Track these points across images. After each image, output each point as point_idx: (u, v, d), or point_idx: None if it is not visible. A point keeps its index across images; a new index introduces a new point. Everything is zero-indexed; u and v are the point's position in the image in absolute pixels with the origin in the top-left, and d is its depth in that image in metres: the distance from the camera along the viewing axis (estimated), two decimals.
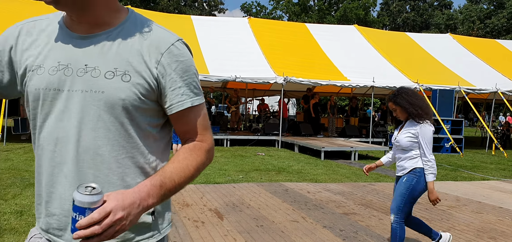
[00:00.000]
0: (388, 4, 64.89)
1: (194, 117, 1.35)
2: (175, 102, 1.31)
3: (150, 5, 39.81)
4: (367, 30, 21.78)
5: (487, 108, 27.88)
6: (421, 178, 3.86)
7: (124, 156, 1.28)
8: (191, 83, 1.33)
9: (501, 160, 13.80)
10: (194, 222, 5.22)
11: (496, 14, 47.33)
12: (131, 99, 1.25)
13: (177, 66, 1.30)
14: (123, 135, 1.27)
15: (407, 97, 3.91)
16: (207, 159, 1.38)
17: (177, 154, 1.34)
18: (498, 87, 16.49)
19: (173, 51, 1.30)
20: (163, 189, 1.24)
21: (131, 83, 1.25)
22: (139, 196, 1.18)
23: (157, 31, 1.32)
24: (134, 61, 1.26)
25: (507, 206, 6.77)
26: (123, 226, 1.14)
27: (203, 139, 1.38)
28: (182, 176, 1.29)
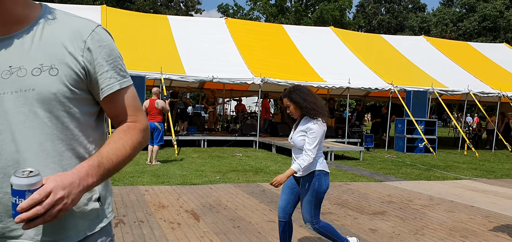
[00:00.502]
0: (363, 6, 65.75)
1: (124, 99, 1.39)
2: (105, 86, 1.33)
3: (126, 4, 39.32)
4: (343, 32, 22.01)
5: (460, 109, 28.52)
6: (322, 179, 3.74)
7: (65, 149, 1.30)
8: (116, 66, 1.36)
9: (473, 159, 14.14)
10: (170, 223, 5.17)
11: (468, 18, 48.48)
12: (63, 91, 1.27)
13: (102, 51, 1.32)
14: (60, 128, 1.29)
15: (301, 94, 3.78)
16: (142, 138, 1.41)
17: (111, 136, 1.37)
18: (470, 89, 16.90)
19: (95, 37, 1.32)
20: (102, 169, 1.27)
21: (59, 76, 1.26)
22: (78, 176, 1.20)
23: (75, 20, 1.33)
24: (58, 53, 1.27)
25: (478, 204, 6.94)
26: (65, 205, 1.15)
27: (136, 120, 1.42)
28: (119, 155, 1.32)
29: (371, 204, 6.68)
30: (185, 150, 13.48)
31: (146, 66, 14.03)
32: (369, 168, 11.19)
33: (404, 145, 15.58)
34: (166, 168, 9.59)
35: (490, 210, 6.53)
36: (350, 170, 10.64)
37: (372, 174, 10.15)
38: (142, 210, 5.76)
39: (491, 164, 13.07)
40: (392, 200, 7.01)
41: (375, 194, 7.52)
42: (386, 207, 6.47)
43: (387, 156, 14.21)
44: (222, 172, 9.40)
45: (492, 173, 11.03)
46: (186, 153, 12.61)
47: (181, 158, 11.50)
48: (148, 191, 7.03)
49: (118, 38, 15.32)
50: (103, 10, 16.99)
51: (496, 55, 21.74)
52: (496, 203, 7.13)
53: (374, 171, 10.58)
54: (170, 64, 14.51)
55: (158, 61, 14.24)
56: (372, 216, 5.88)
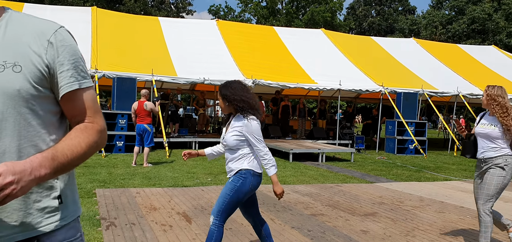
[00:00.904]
0: (354, 9, 66.11)
1: (83, 100, 1.41)
2: (64, 84, 1.36)
3: (116, 6, 39.14)
4: (334, 34, 22.11)
5: (449, 111, 28.77)
6: (248, 179, 3.57)
7: (27, 145, 1.32)
8: (77, 66, 1.39)
9: (462, 160, 14.27)
10: (162, 226, 5.15)
11: (457, 20, 48.95)
12: (26, 88, 1.30)
13: (64, 50, 1.35)
14: (22, 124, 1.31)
15: (234, 90, 3.60)
16: (99, 139, 1.43)
17: (69, 133, 1.39)
18: (459, 91, 17.06)
19: (58, 37, 1.35)
20: (56, 162, 1.27)
21: (23, 73, 1.29)
22: (30, 165, 1.21)
23: (39, 21, 1.37)
24: (22, 51, 1.30)
25: (468, 205, 7.01)
26: (14, 190, 1.16)
27: (94, 121, 1.44)
28: (74, 151, 1.34)
29: (362, 205, 6.71)
30: (176, 152, 13.44)
31: (137, 68, 13.98)
32: (360, 169, 11.24)
33: (394, 146, 15.68)
34: (158, 170, 9.56)
35: None
36: (341, 171, 10.68)
37: (363, 175, 10.20)
38: (134, 212, 5.74)
39: None
40: (383, 201, 7.05)
41: (366, 195, 7.56)
42: (377, 208, 6.50)
43: (378, 157, 14.29)
44: (214, 174, 9.38)
45: None
46: (177, 155, 12.57)
47: (172, 160, 11.47)
48: (139, 193, 7.00)
49: (109, 40, 15.26)
50: (93, 11, 16.89)
51: (485, 57, 21.97)
52: None
53: (365, 172, 10.64)
54: (161, 66, 14.47)
55: (149, 63, 14.18)
56: (363, 218, 5.91)
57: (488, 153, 4.43)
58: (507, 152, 4.37)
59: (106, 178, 8.33)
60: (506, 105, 4.35)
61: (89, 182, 7.77)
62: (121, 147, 12.74)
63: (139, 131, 10.03)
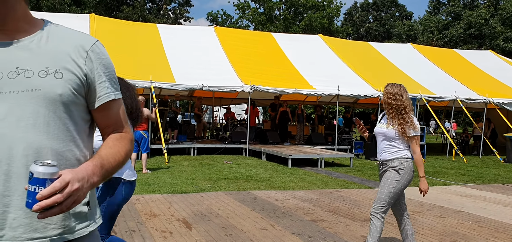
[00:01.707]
0: (351, 14, 66.33)
1: (117, 110, 1.49)
2: (103, 94, 1.43)
3: (114, 13, 39.18)
4: (332, 40, 22.17)
5: (447, 116, 28.82)
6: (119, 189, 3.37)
7: (64, 149, 1.36)
8: (112, 78, 1.47)
9: (461, 165, 14.29)
10: (162, 232, 5.14)
11: (453, 25, 49.14)
12: (67, 94, 1.35)
13: (101, 63, 1.43)
14: (62, 128, 1.36)
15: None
16: (132, 147, 1.53)
17: (106, 142, 1.47)
18: (457, 95, 17.11)
19: (96, 50, 1.43)
20: (103, 169, 1.35)
21: (64, 80, 1.35)
22: (86, 173, 1.27)
23: (78, 34, 1.44)
24: (63, 60, 1.36)
25: (468, 209, 7.01)
26: (80, 197, 1.23)
27: (126, 130, 1.53)
28: (116, 159, 1.42)
29: (362, 210, 6.71)
30: (175, 158, 13.42)
31: (136, 74, 13.96)
32: (360, 174, 11.24)
33: None
34: (157, 177, 9.54)
35: (480, 215, 6.60)
36: (341, 176, 10.68)
37: (363, 180, 10.20)
38: (134, 219, 5.72)
39: (479, 170, 13.22)
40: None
41: (366, 200, 7.56)
42: None
43: (377, 162, 14.28)
44: (213, 180, 9.37)
45: (480, 178, 11.15)
46: (176, 161, 12.55)
47: (170, 166, 11.45)
48: (139, 200, 6.98)
49: (107, 47, 15.16)
50: (91, 18, 16.91)
51: (482, 62, 22.06)
52: (485, 208, 7.21)
53: (364, 178, 10.64)
54: (159, 73, 14.47)
55: (148, 69, 14.19)
56: (364, 223, 5.90)
57: (384, 154, 4.12)
58: (404, 155, 4.04)
59: None
60: (403, 106, 4.05)
61: None
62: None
63: (136, 138, 10.01)
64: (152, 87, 13.55)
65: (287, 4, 47.95)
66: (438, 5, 55.29)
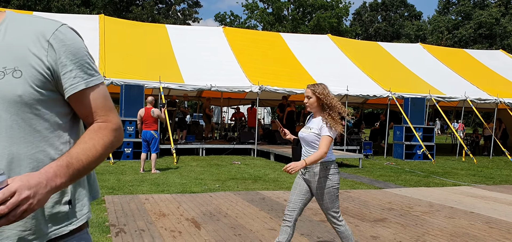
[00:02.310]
0: (360, 14, 66.09)
1: (93, 98, 1.36)
2: (68, 86, 1.30)
3: (123, 14, 39.40)
4: (340, 40, 22.10)
5: (457, 116, 28.61)
6: None
7: (34, 151, 1.28)
8: (83, 65, 1.33)
9: (471, 166, 14.17)
10: (171, 232, 5.16)
11: (463, 25, 48.77)
12: (28, 93, 1.25)
13: (66, 50, 1.29)
14: (28, 130, 1.27)
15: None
16: (115, 138, 1.38)
17: (82, 136, 1.36)
18: (467, 95, 16.97)
19: (59, 36, 1.29)
20: (71, 169, 1.25)
21: (24, 78, 1.25)
22: (45, 176, 1.18)
23: (39, 22, 1.31)
24: (21, 55, 1.25)
25: (478, 210, 6.95)
26: (31, 205, 1.14)
27: (107, 119, 1.39)
28: (89, 155, 1.30)
29: (371, 211, 6.68)
30: (184, 158, 13.46)
31: (145, 75, 14.04)
32: (369, 175, 11.19)
33: (402, 152, 15.60)
34: (166, 177, 9.57)
35: (491, 216, 6.54)
36: (350, 177, 10.64)
37: (372, 181, 10.15)
38: (143, 218, 5.74)
39: (490, 170, 13.10)
40: (392, 207, 7.01)
41: (376, 201, 7.52)
42: (386, 214, 6.47)
43: (386, 163, 14.22)
44: (221, 180, 9.38)
45: (491, 179, 11.05)
46: (185, 162, 12.59)
47: (179, 167, 11.48)
48: (148, 199, 7.01)
49: (117, 47, 15.36)
50: (101, 19, 17.01)
51: (493, 62, 21.85)
52: (496, 209, 7.14)
53: (373, 178, 10.59)
54: (168, 73, 14.52)
55: (157, 70, 14.24)
56: (373, 223, 5.88)
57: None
58: (327, 159, 3.81)
59: (115, 184, 8.35)
60: (330, 104, 3.89)
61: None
62: (129, 153, 12.78)
63: (146, 138, 10.07)
64: (161, 87, 13.60)
65: (296, 4, 47.90)
66: (448, 5, 54.90)
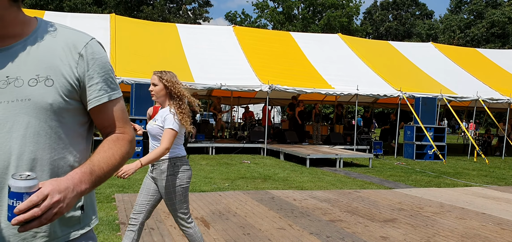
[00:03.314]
0: (371, 13, 65.73)
1: (113, 111, 1.43)
2: (93, 98, 1.38)
3: (134, 13, 39.63)
4: (351, 39, 22.00)
5: (469, 116, 28.36)
6: None
7: (56, 158, 1.34)
8: (107, 79, 1.40)
9: (483, 166, 14.02)
10: (180, 230, 5.16)
11: (475, 24, 48.28)
12: (58, 102, 1.31)
13: (94, 63, 1.37)
14: (53, 137, 1.33)
15: None
16: (130, 149, 1.46)
17: (101, 145, 1.42)
18: (479, 95, 16.79)
19: (89, 49, 1.36)
20: (94, 176, 1.31)
21: (55, 87, 1.31)
22: (72, 182, 1.24)
23: (70, 33, 1.38)
24: (53, 65, 1.32)
25: (490, 212, 6.87)
26: (61, 209, 1.19)
27: (124, 131, 1.46)
28: (109, 163, 1.37)
29: (381, 211, 6.64)
30: (193, 157, 13.50)
31: None
32: (379, 175, 11.13)
33: (413, 152, 15.48)
34: None
35: (503, 217, 6.47)
36: (359, 177, 10.60)
37: (382, 181, 10.09)
38: (152, 217, 5.76)
39: (502, 171, 12.96)
40: (402, 207, 6.96)
41: (385, 201, 7.48)
42: (396, 214, 6.43)
43: (397, 163, 14.13)
44: (231, 179, 9.39)
45: (503, 180, 10.93)
46: (194, 160, 12.63)
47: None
48: None
49: (127, 46, 15.45)
50: (112, 18, 17.13)
51: (505, 61, 21.60)
52: (508, 210, 7.06)
53: (383, 178, 10.53)
54: (178, 72, 14.33)
55: (167, 69, 13.92)
56: (383, 224, 5.84)
57: None
58: (175, 154, 3.53)
59: (125, 183, 8.40)
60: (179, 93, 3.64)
61: (108, 187, 7.85)
62: (139, 152, 12.84)
63: None
64: None
65: (306, 3, 47.78)
66: (460, 4, 54.37)
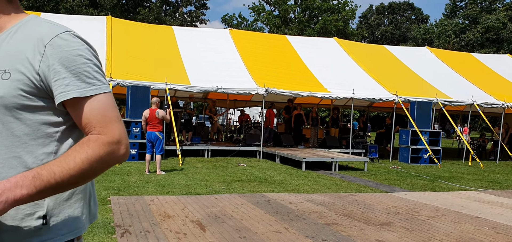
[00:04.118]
0: (366, 18, 65.98)
1: (89, 109, 1.26)
2: (58, 93, 1.24)
3: (130, 15, 39.58)
4: (347, 43, 22.06)
5: (464, 120, 28.46)
6: None
7: (8, 156, 1.24)
8: (80, 72, 1.25)
9: (478, 170, 14.09)
10: (176, 233, 5.17)
11: (470, 29, 48.55)
12: (10, 96, 1.22)
13: (62, 56, 1.24)
14: (5, 134, 1.24)
15: None
16: (105, 153, 1.24)
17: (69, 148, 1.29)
18: (474, 100, 16.88)
19: (57, 42, 1.24)
20: (38, 181, 1.15)
21: (11, 81, 1.22)
22: (4, 186, 1.12)
23: (44, 26, 1.28)
24: (18, 58, 1.24)
25: (485, 215, 6.91)
26: None
27: (102, 132, 1.26)
28: (65, 168, 1.19)
29: (377, 215, 6.66)
30: (189, 159, 13.49)
31: (151, 76, 14.09)
32: (374, 178, 11.16)
33: (408, 156, 15.54)
34: (171, 178, 9.60)
35: (497, 221, 6.50)
36: (355, 180, 10.62)
37: (377, 184, 10.12)
38: (148, 220, 5.76)
39: (496, 175, 13.02)
40: (398, 211, 6.98)
41: (381, 205, 7.50)
42: (392, 218, 6.45)
43: (392, 166, 14.17)
44: (227, 182, 9.39)
45: (497, 184, 10.98)
46: (190, 163, 12.61)
47: (184, 168, 11.50)
48: (153, 200, 7.03)
49: (124, 49, 15.43)
50: (108, 20, 17.10)
51: (500, 66, 21.73)
52: (503, 214, 7.10)
53: (379, 182, 10.56)
54: (175, 75, 14.57)
55: (163, 71, 14.29)
56: (378, 227, 5.86)
57: None
58: None
59: (120, 185, 8.38)
60: None
61: (103, 190, 7.83)
62: (135, 154, 12.82)
63: (151, 139, 10.10)
64: (167, 89, 13.64)
65: (302, 7, 47.91)
66: (455, 9, 54.70)
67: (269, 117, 17.62)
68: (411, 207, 7.35)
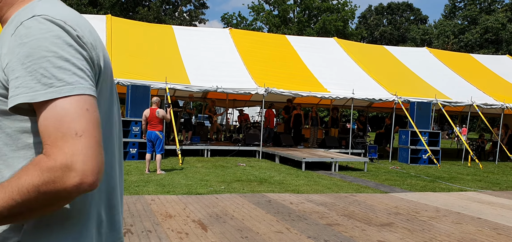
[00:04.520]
0: (365, 18, 66.02)
1: (43, 118, 0.96)
2: (10, 96, 0.98)
3: (130, 14, 39.52)
4: (346, 43, 22.07)
5: (463, 121, 28.52)
6: None
7: None
8: (36, 70, 0.95)
9: (477, 171, 14.10)
10: (178, 233, 5.16)
11: (469, 30, 48.59)
12: None
13: (20, 51, 0.97)
14: None
15: None
16: (41, 182, 0.93)
17: None
18: (473, 100, 16.90)
19: (20, 32, 0.98)
20: None
21: None
22: None
23: (24, 12, 1.03)
24: None
25: (486, 216, 6.91)
26: None
27: (48, 151, 0.94)
28: (6, 193, 0.95)
29: (378, 215, 6.66)
30: (189, 159, 13.48)
31: (151, 76, 14.07)
32: (374, 179, 11.16)
33: (408, 156, 15.55)
34: (171, 178, 9.58)
35: (498, 222, 6.51)
36: (355, 181, 10.62)
37: (377, 185, 10.12)
38: (150, 219, 5.75)
39: (495, 176, 13.04)
40: (399, 212, 6.99)
41: (382, 205, 7.50)
42: (393, 219, 6.45)
43: (391, 167, 14.18)
44: (227, 182, 9.38)
45: (497, 185, 11.00)
46: (190, 163, 12.60)
47: (184, 168, 11.49)
48: (154, 200, 7.02)
49: (123, 48, 15.41)
50: (108, 19, 17.07)
51: (499, 67, 21.76)
52: (503, 215, 7.10)
53: (379, 182, 10.56)
54: (174, 74, 14.55)
55: (163, 71, 14.28)
56: (380, 228, 5.86)
57: None
58: None
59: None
60: None
61: None
62: (134, 154, 12.80)
63: (150, 138, 10.09)
64: (167, 88, 13.63)
65: (302, 7, 47.92)
66: (454, 9, 54.76)
67: (268, 117, 17.60)
68: (412, 208, 7.36)
